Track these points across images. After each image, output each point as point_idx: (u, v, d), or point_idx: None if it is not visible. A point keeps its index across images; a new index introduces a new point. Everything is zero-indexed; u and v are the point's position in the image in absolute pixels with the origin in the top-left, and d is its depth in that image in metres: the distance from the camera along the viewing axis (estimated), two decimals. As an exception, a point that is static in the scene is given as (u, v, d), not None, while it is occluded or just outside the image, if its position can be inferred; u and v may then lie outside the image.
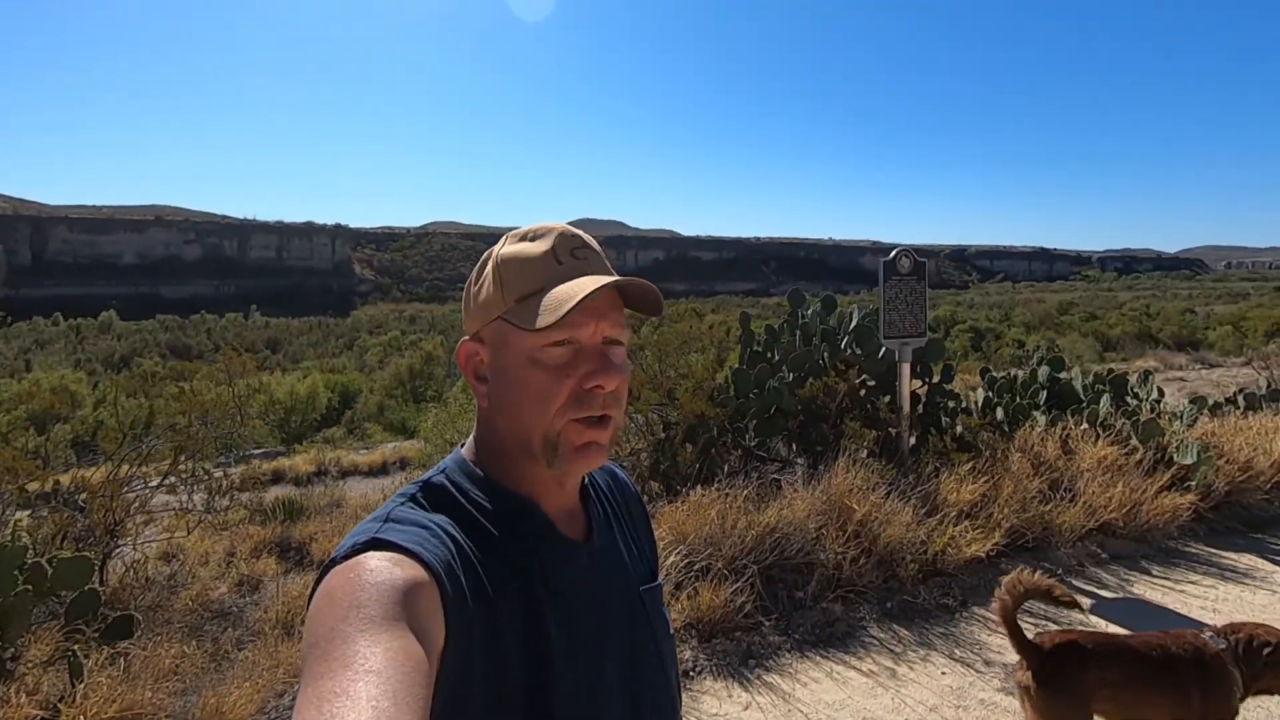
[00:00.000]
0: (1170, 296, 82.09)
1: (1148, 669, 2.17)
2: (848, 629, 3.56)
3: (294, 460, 9.28)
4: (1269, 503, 5.30)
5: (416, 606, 0.60)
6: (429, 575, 0.63)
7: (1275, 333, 27.80)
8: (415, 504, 0.73)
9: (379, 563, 0.62)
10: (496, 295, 0.76)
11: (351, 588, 0.59)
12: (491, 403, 0.77)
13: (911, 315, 5.24)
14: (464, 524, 0.72)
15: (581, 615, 0.76)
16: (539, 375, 0.74)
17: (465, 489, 0.76)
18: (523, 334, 0.73)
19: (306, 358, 36.69)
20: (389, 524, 0.68)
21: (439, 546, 0.66)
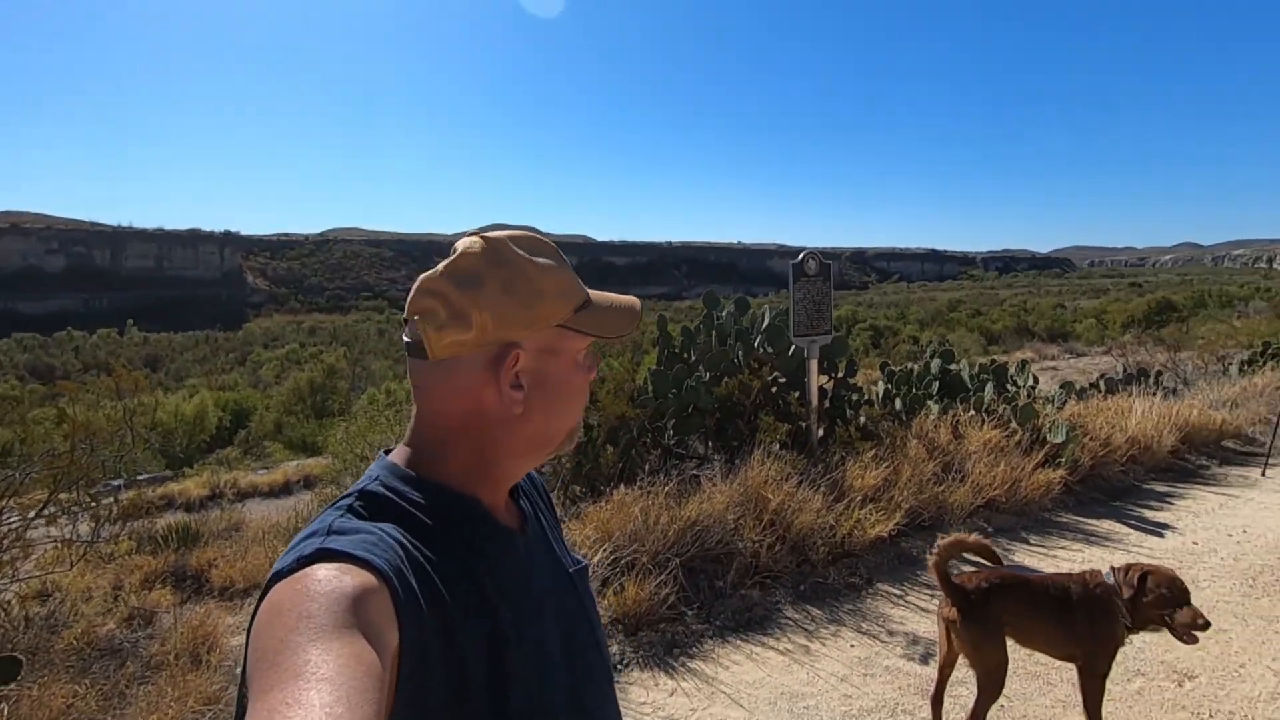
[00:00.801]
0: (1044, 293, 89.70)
1: (1045, 601, 2.51)
2: (765, 613, 3.75)
3: (184, 484, 8.68)
4: (1125, 474, 5.97)
5: (368, 613, 0.59)
6: (380, 581, 0.63)
7: (1130, 324, 31.03)
8: (353, 514, 0.72)
9: (327, 573, 0.61)
10: (558, 304, 0.79)
11: (299, 599, 0.59)
12: (527, 408, 0.78)
13: (818, 314, 5.55)
14: (409, 528, 0.72)
15: (527, 603, 0.79)
16: (581, 376, 0.83)
17: (405, 493, 0.76)
18: (577, 339, 0.81)
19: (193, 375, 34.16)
20: (332, 535, 0.67)
21: (387, 551, 0.66)
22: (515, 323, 0.76)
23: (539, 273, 0.78)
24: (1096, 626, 2.47)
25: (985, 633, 2.53)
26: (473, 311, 0.74)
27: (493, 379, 0.76)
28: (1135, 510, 5.37)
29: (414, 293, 0.77)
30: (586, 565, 0.96)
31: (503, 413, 0.77)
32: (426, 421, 0.79)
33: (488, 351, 0.76)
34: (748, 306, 6.34)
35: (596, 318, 0.83)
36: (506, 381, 0.76)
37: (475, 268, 0.76)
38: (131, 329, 64.45)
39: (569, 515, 4.31)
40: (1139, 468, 6.14)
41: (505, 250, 0.78)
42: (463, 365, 0.76)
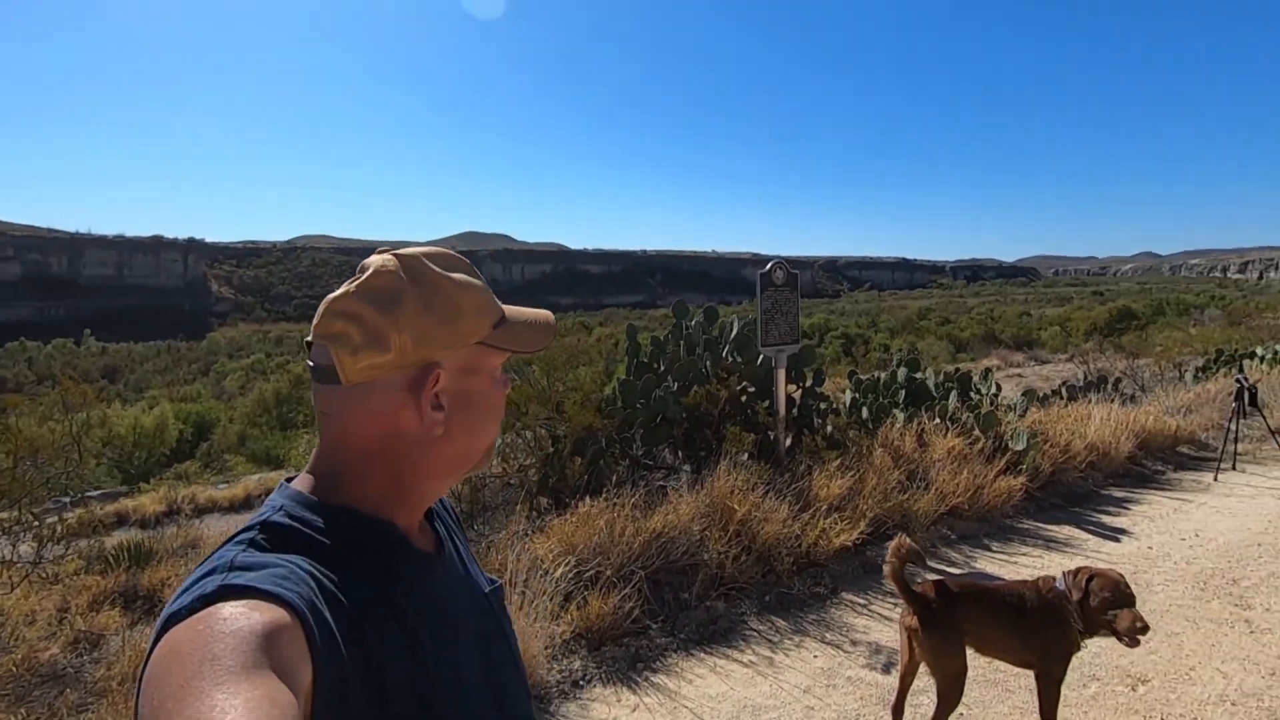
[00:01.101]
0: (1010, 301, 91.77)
1: (1003, 609, 2.55)
2: (730, 624, 3.73)
3: (139, 500, 8.41)
4: (1084, 480, 6.10)
5: (279, 651, 0.56)
6: (292, 616, 0.59)
7: (1093, 331, 31.88)
8: (256, 547, 0.68)
9: (232, 611, 0.57)
10: (479, 321, 0.78)
11: (202, 641, 0.55)
12: (448, 429, 0.76)
13: (786, 323, 5.58)
14: (319, 558, 0.69)
15: (448, 625, 0.78)
16: (499, 393, 0.82)
17: (312, 521, 0.72)
18: (495, 356, 0.80)
19: (153, 386, 33.29)
20: (235, 571, 0.63)
21: (299, 585, 0.63)
22: (436, 342, 0.74)
23: (457, 289, 0.76)
24: (1050, 633, 2.51)
25: (946, 641, 2.56)
26: (391, 333, 0.71)
27: (412, 401, 0.73)
28: (1094, 516, 5.48)
29: (322, 314, 0.73)
30: (500, 585, 0.95)
31: (422, 435, 0.75)
32: (336, 447, 0.75)
33: (407, 373, 0.73)
34: (716, 316, 6.35)
35: (514, 333, 0.82)
36: (427, 403, 0.74)
37: (392, 286, 0.73)
38: (89, 339, 62.59)
39: (533, 528, 4.26)
40: (1098, 473, 6.27)
41: (421, 267, 0.75)
42: (379, 388, 0.72)
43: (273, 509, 0.73)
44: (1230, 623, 3.68)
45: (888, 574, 2.56)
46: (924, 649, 2.57)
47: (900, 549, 2.56)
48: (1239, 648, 3.43)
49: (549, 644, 3.34)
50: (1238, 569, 4.35)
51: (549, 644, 3.34)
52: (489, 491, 5.50)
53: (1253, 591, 4.04)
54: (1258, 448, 7.26)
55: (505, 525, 4.19)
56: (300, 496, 0.74)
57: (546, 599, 3.43)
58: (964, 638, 2.57)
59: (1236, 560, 4.49)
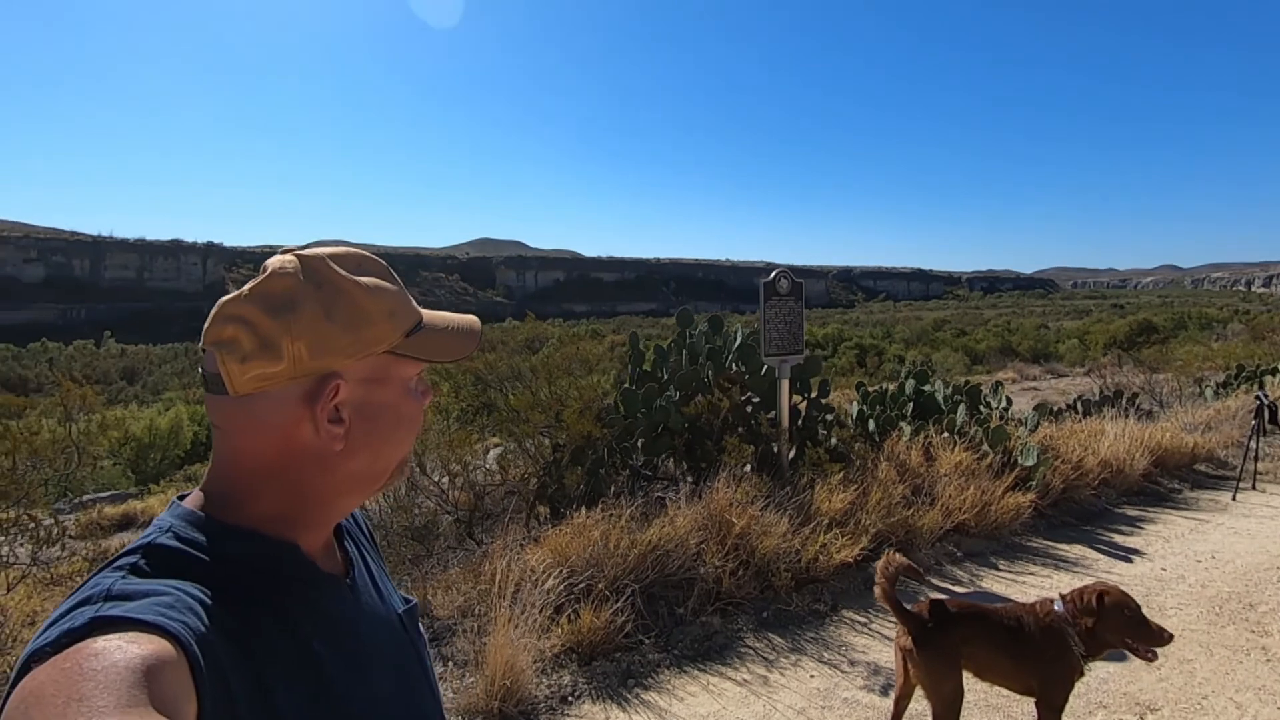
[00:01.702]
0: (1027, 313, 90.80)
1: (1001, 633, 2.46)
2: (725, 641, 3.65)
3: (148, 502, 8.48)
4: (1096, 497, 5.95)
5: (161, 686, 0.51)
6: (175, 648, 0.54)
7: (1112, 345, 31.39)
8: (137, 573, 0.62)
9: (105, 645, 0.52)
10: (385, 328, 0.72)
11: (69, 681, 0.49)
12: (350, 443, 0.71)
13: (790, 333, 5.50)
14: (209, 582, 0.63)
15: (356, 648, 0.74)
16: (413, 404, 0.77)
17: (203, 544, 0.67)
18: (407, 366, 0.75)
19: (170, 388, 33.69)
20: (111, 601, 0.57)
21: (183, 612, 0.58)
22: (335, 351, 0.69)
23: (364, 294, 0.71)
24: (1050, 657, 2.42)
25: (941, 662, 2.48)
26: (284, 340, 0.66)
27: (308, 413, 0.68)
28: (1105, 535, 5.33)
29: (212, 319, 0.68)
30: (415, 604, 0.90)
31: (321, 450, 0.70)
32: (229, 462, 0.70)
33: (302, 383, 0.68)
34: (721, 325, 6.29)
35: (430, 341, 0.76)
36: (325, 416, 0.69)
37: (289, 290, 0.67)
38: (109, 341, 63.62)
39: (529, 538, 4.20)
40: (1111, 491, 6.12)
41: (324, 270, 0.70)
42: (271, 400, 0.67)
43: (159, 530, 0.68)
44: (1246, 650, 3.55)
45: (878, 595, 2.48)
46: (918, 670, 2.50)
47: (889, 568, 2.47)
48: (1255, 677, 3.30)
49: (538, 658, 3.28)
50: (1255, 593, 4.20)
51: (538, 658, 3.28)
52: (490, 500, 5.46)
53: (1270, 617, 3.89)
54: (1278, 467, 7.06)
55: (502, 534, 4.15)
56: (192, 516, 0.69)
57: (537, 611, 3.37)
58: (961, 660, 2.48)
59: (1254, 584, 4.33)
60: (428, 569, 4.09)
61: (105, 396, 27.71)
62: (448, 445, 5.06)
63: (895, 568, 2.48)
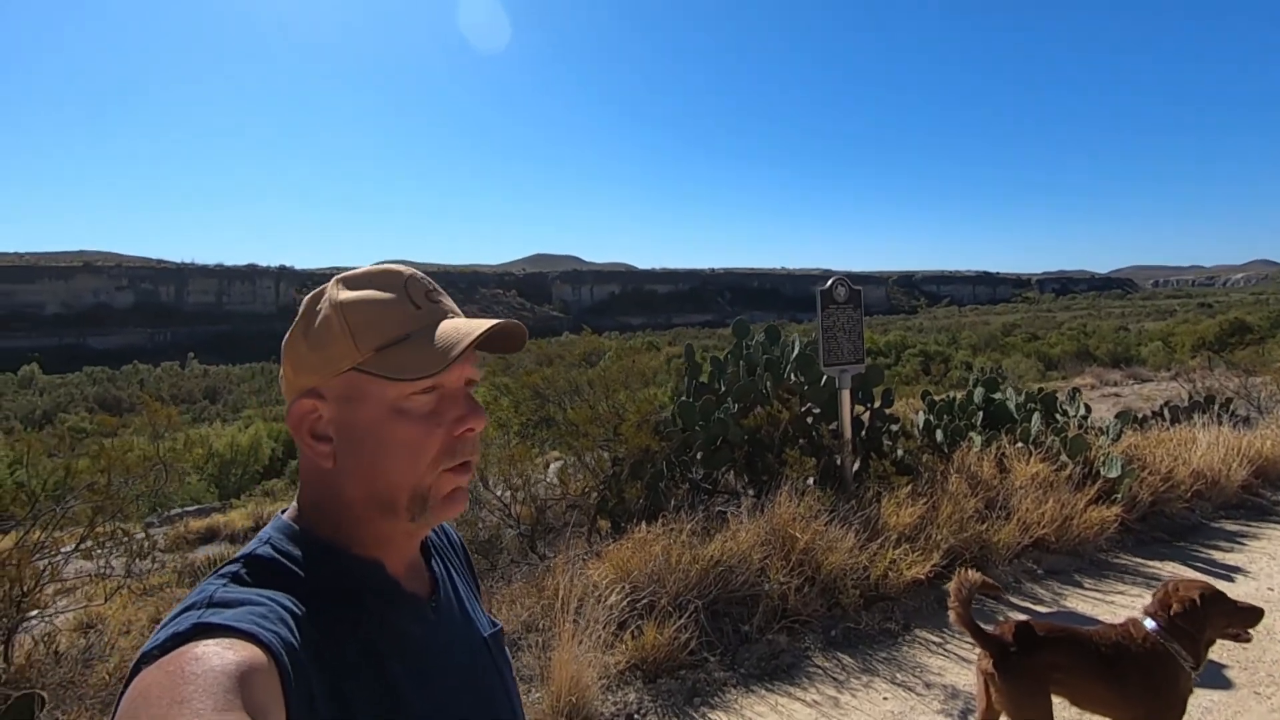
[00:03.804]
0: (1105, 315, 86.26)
1: (1095, 657, 2.30)
2: (793, 660, 3.55)
3: (230, 516, 8.91)
4: (1190, 511, 5.55)
5: (252, 692, 0.55)
6: (266, 656, 0.58)
7: (1200, 347, 29.42)
8: (238, 582, 0.67)
9: (205, 650, 0.56)
10: (347, 345, 0.70)
11: (172, 683, 0.53)
12: (339, 463, 0.72)
13: (850, 342, 5.37)
14: (300, 595, 0.67)
15: (435, 673, 0.75)
16: (406, 427, 0.71)
17: (297, 557, 0.70)
18: (385, 384, 0.71)
19: (248, 406, 35.48)
20: (212, 608, 0.62)
21: (276, 624, 0.61)
22: (306, 368, 0.72)
23: (335, 311, 0.72)
24: (1157, 682, 2.24)
25: (1024, 688, 2.33)
26: (284, 358, 0.75)
27: (295, 430, 0.74)
28: (1202, 551, 4.97)
29: None
30: (500, 629, 0.91)
31: (316, 466, 0.73)
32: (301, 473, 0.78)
33: (292, 401, 0.74)
34: (778, 335, 6.19)
35: (393, 358, 0.70)
36: (305, 430, 0.72)
37: (299, 313, 0.76)
38: (193, 362, 67.65)
39: (590, 553, 4.21)
40: (1206, 504, 5.70)
41: (327, 289, 0.75)
42: (292, 415, 0.74)
43: (261, 541, 0.73)
44: (1372, 680, 3.23)
45: (953, 619, 2.36)
46: (1001, 697, 2.36)
47: (962, 588, 2.34)
48: (1384, 710, 3.00)
49: (603, 674, 3.27)
50: (1380, 617, 3.83)
51: (603, 674, 3.27)
52: (552, 513, 5.51)
53: (1400, 644, 3.53)
54: (1401, 477, 6.44)
55: (564, 549, 4.17)
56: (288, 529, 0.74)
57: (600, 627, 3.36)
58: (1050, 686, 2.33)
59: (1378, 607, 3.95)
60: (491, 583, 4.15)
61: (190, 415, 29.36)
62: (509, 459, 5.14)
63: (969, 587, 2.36)
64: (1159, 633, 2.24)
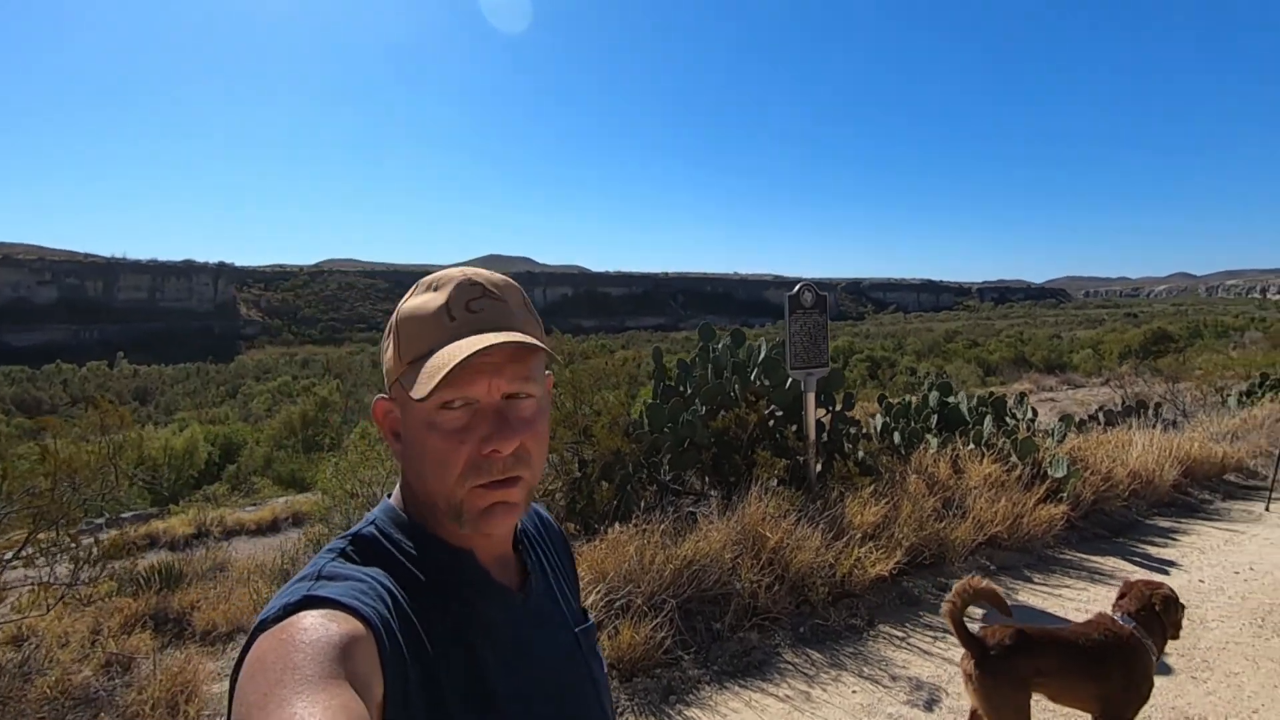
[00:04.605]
0: (1040, 323, 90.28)
1: (1077, 656, 2.41)
2: (764, 657, 3.63)
3: (169, 522, 8.52)
4: (1127, 509, 5.88)
5: (355, 662, 0.58)
6: (366, 629, 0.62)
7: (1127, 354, 31.12)
8: (345, 558, 0.71)
9: (313, 620, 0.60)
10: (394, 357, 0.75)
11: (285, 650, 0.57)
12: (404, 461, 0.77)
13: (815, 346, 5.50)
14: (398, 575, 0.71)
15: (521, 662, 0.76)
16: (436, 440, 0.71)
17: (397, 540, 0.74)
18: None
19: (183, 408, 33.99)
20: (320, 581, 0.66)
21: (375, 600, 0.65)
22: (387, 373, 0.78)
23: (397, 322, 0.77)
24: (1133, 673, 2.39)
25: (1001, 689, 2.39)
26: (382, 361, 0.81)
27: None
28: (1139, 547, 5.28)
29: None
30: (593, 624, 0.92)
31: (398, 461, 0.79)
32: None
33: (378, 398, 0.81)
34: (744, 339, 6.29)
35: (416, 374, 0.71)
36: (387, 429, 0.79)
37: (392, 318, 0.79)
38: (122, 362, 64.29)
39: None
40: (1141, 502, 6.06)
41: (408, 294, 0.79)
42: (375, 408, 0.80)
43: (368, 521, 0.77)
44: (1294, 662, 3.49)
45: (945, 611, 2.41)
46: (978, 695, 2.42)
47: (967, 589, 2.39)
48: (1306, 690, 3.25)
49: (579, 675, 3.27)
50: (1298, 605, 4.14)
51: (579, 675, 3.27)
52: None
53: (1316, 629, 3.83)
54: (1310, 476, 6.96)
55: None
56: (392, 512, 0.78)
57: (576, 628, 3.36)
58: (1030, 687, 2.40)
59: (1296, 595, 4.27)
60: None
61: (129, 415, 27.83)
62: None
63: (973, 590, 2.40)
64: (1138, 629, 2.39)
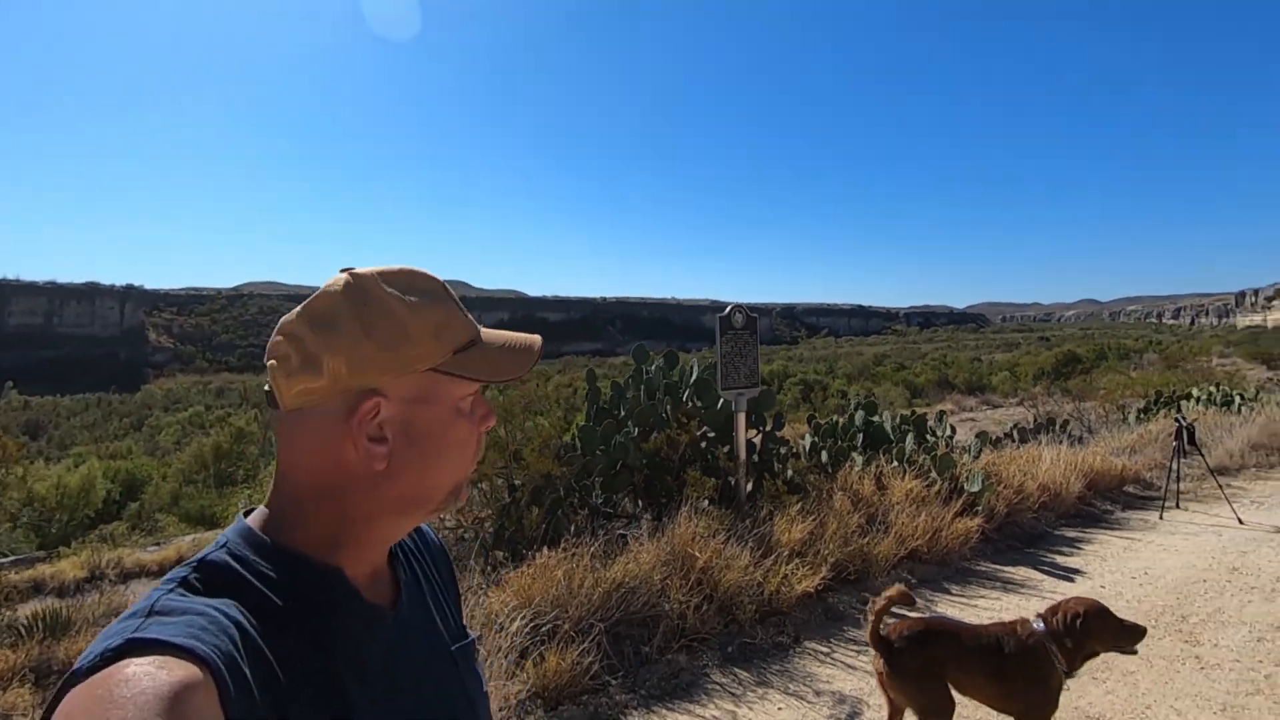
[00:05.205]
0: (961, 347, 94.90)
1: (977, 652, 2.52)
2: (692, 678, 3.61)
3: (58, 566, 7.87)
4: (1037, 520, 6.20)
5: (186, 714, 0.51)
6: (205, 672, 0.55)
7: (1041, 376, 33.06)
8: (187, 589, 0.64)
9: (137, 669, 0.52)
10: (431, 346, 0.72)
11: (100, 708, 0.49)
12: (393, 463, 0.71)
13: (746, 367, 5.60)
14: (251, 603, 0.64)
15: (389, 686, 0.72)
16: (463, 424, 0.75)
17: (253, 563, 0.68)
18: (457, 385, 0.74)
19: (80, 442, 31.67)
20: (152, 618, 0.58)
21: (217, 636, 0.58)
22: (374, 368, 0.69)
23: (408, 312, 0.72)
24: (1034, 678, 2.48)
25: (913, 678, 2.53)
26: (324, 356, 0.68)
27: (350, 431, 0.69)
28: (1048, 556, 5.55)
29: (272, 336, 0.71)
30: (472, 641, 0.88)
31: (364, 469, 0.70)
32: (283, 479, 0.72)
33: (344, 400, 0.69)
34: (676, 361, 6.36)
35: (481, 360, 0.75)
36: (363, 434, 0.69)
37: (333, 307, 0.70)
38: (11, 391, 59.39)
39: (489, 582, 4.09)
40: (1050, 514, 6.39)
41: (370, 288, 0.71)
42: (317, 416, 0.69)
43: (218, 545, 0.70)
44: (1182, 659, 3.73)
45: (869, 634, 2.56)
46: (894, 688, 2.56)
47: (882, 601, 2.54)
48: (1191, 684, 3.47)
49: (504, 704, 3.16)
50: (1186, 605, 4.44)
51: (504, 704, 3.16)
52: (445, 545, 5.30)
53: (1201, 627, 4.11)
54: (1199, 486, 7.52)
55: (461, 581, 4.02)
56: (248, 533, 0.70)
57: (502, 656, 3.27)
58: (942, 675, 2.53)
59: (1185, 597, 4.58)
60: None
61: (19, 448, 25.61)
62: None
63: (886, 600, 2.55)
64: (1043, 634, 2.50)
